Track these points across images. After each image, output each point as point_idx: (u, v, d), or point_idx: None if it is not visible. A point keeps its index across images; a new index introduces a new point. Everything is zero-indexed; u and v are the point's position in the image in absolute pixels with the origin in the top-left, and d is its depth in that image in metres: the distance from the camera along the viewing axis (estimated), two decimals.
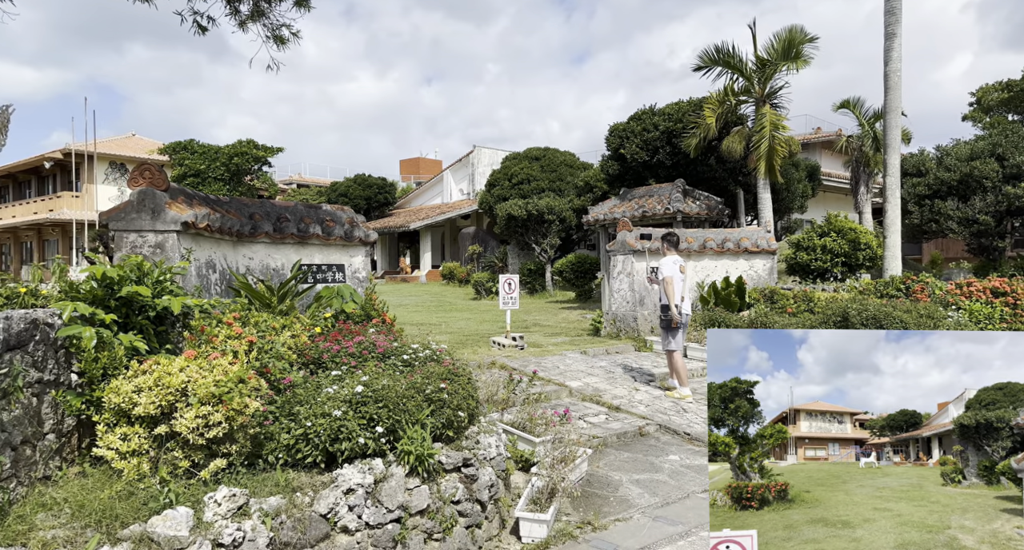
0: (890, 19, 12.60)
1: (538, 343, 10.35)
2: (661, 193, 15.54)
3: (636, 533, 4.27)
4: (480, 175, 34.87)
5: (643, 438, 6.26)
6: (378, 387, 3.70)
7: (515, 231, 22.77)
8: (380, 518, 3.38)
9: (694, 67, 15.06)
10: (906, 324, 8.44)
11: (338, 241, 6.95)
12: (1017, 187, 14.86)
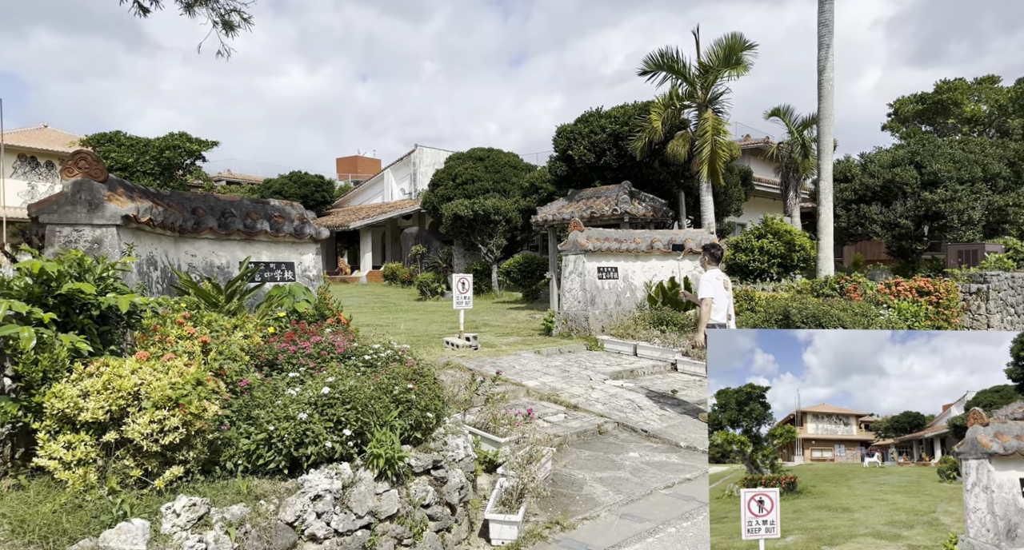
0: (823, 30, 13.24)
1: (491, 343, 10.28)
2: (608, 194, 15.78)
3: (605, 531, 4.27)
4: (422, 175, 34.47)
5: (602, 436, 6.30)
6: (345, 388, 3.54)
7: (461, 231, 22.62)
8: (349, 525, 3.22)
9: (640, 71, 15.38)
10: (843, 322, 8.87)
11: (287, 238, 6.65)
12: (933, 193, 15.95)
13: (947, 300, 9.75)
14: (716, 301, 6.58)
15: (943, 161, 16.20)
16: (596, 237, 11.31)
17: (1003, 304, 10.84)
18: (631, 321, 10.93)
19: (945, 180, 16.00)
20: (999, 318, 10.63)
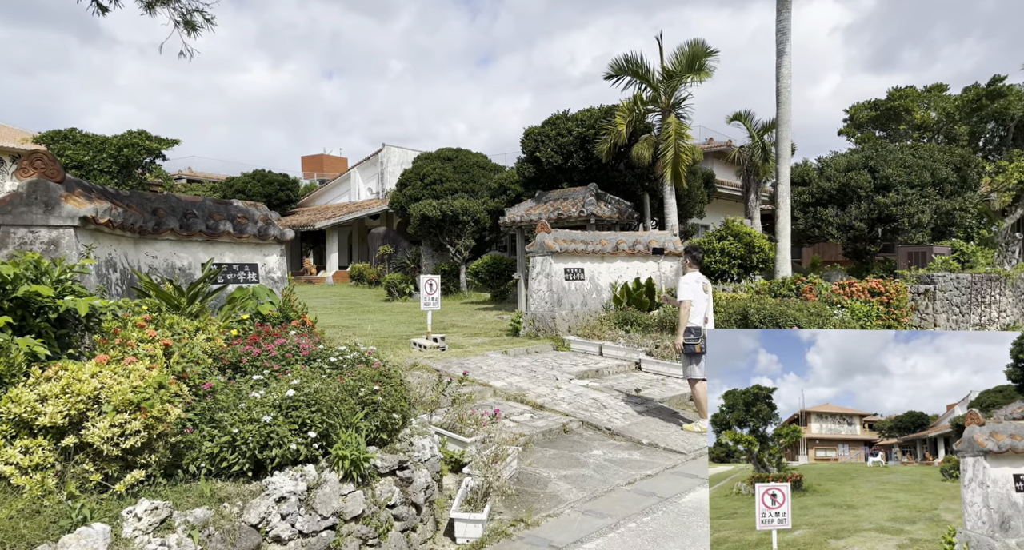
0: (781, 38, 13.64)
1: (459, 344, 10.32)
2: (575, 196, 15.96)
3: (568, 528, 4.36)
4: (390, 174, 34.24)
5: (567, 435, 6.41)
6: (310, 390, 3.56)
7: (429, 232, 22.56)
8: (314, 526, 3.24)
9: (605, 75, 15.60)
10: (799, 321, 9.18)
11: (251, 239, 6.59)
12: (886, 197, 16.56)
13: (897, 300, 10.17)
14: (694, 304, 6.58)
15: (895, 166, 16.85)
16: (563, 239, 11.45)
17: (949, 304, 11.34)
18: (597, 321, 11.10)
19: (897, 184, 16.64)
20: (945, 317, 11.13)
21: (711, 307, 6.83)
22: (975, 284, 12.34)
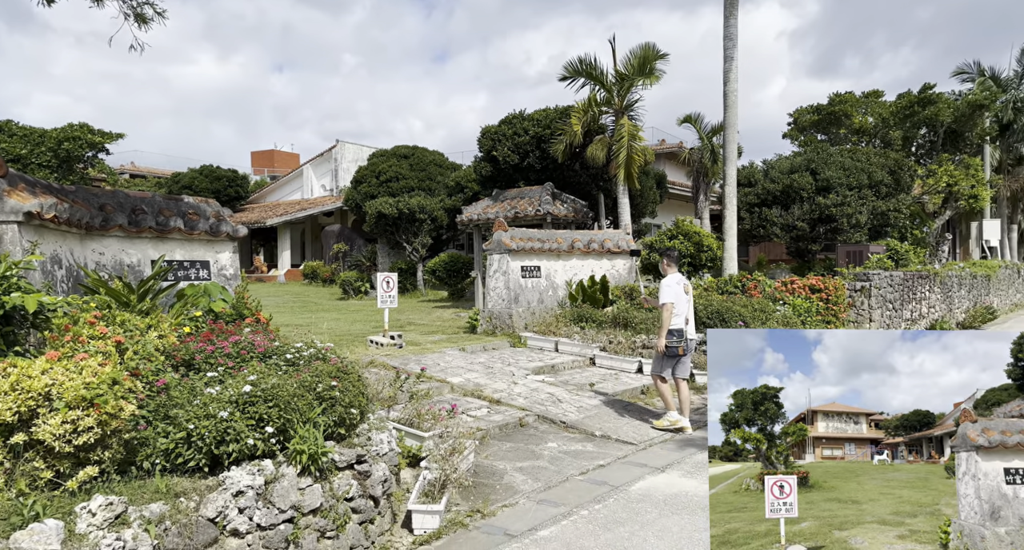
0: (728, 44, 14.09)
1: (416, 341, 10.34)
2: (532, 195, 16.15)
3: (523, 516, 4.50)
4: (344, 171, 33.77)
5: (523, 428, 6.55)
6: (267, 386, 3.58)
7: (385, 229, 22.39)
8: (272, 519, 3.28)
9: (560, 76, 15.84)
10: (744, 317, 9.57)
11: (203, 236, 6.49)
12: (826, 198, 17.35)
13: (835, 297, 10.71)
14: (676, 306, 6.44)
15: (835, 169, 17.67)
16: (520, 237, 11.60)
17: (883, 300, 12.01)
18: (553, 318, 11.29)
19: (836, 186, 17.46)
20: (879, 313, 11.78)
21: (691, 308, 6.71)
22: (907, 281, 13.09)
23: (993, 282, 18.75)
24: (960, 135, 24.76)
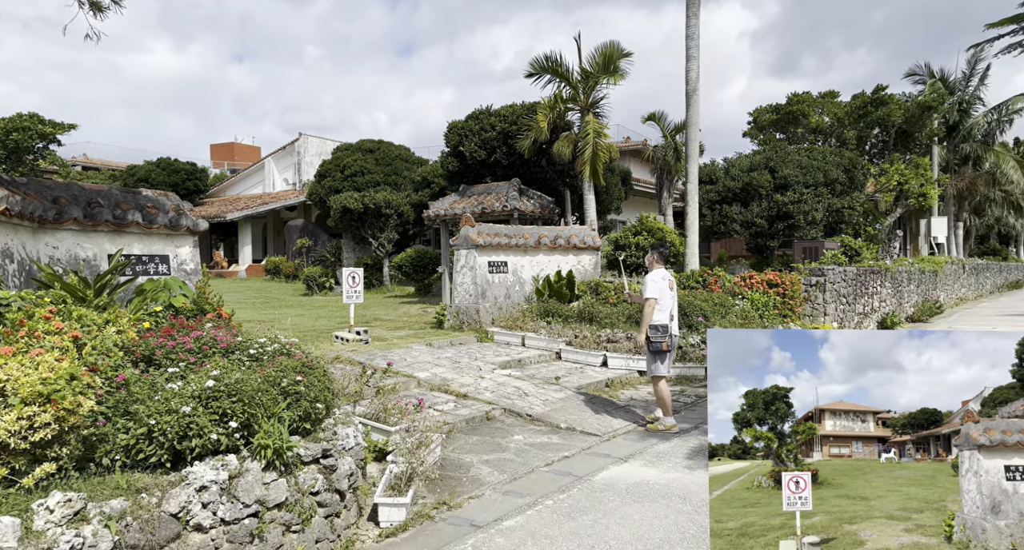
0: (690, 43, 14.32)
1: (382, 337, 10.30)
2: (499, 191, 16.19)
3: (488, 507, 4.56)
4: (308, 165, 33.24)
5: (490, 422, 6.61)
6: (231, 381, 3.55)
7: (350, 224, 22.15)
8: (236, 514, 3.26)
9: (527, 73, 15.88)
10: (704, 311, 9.81)
11: (162, 230, 6.35)
12: (784, 195, 17.84)
13: (792, 291, 11.06)
14: (661, 301, 6.43)
15: (792, 167, 18.18)
16: (487, 232, 11.64)
17: (837, 294, 12.44)
18: (520, 313, 11.37)
19: (794, 184, 17.97)
20: (834, 307, 12.20)
21: (676, 304, 6.69)
22: (860, 277, 13.58)
23: (940, 277, 19.58)
24: (911, 135, 25.72)
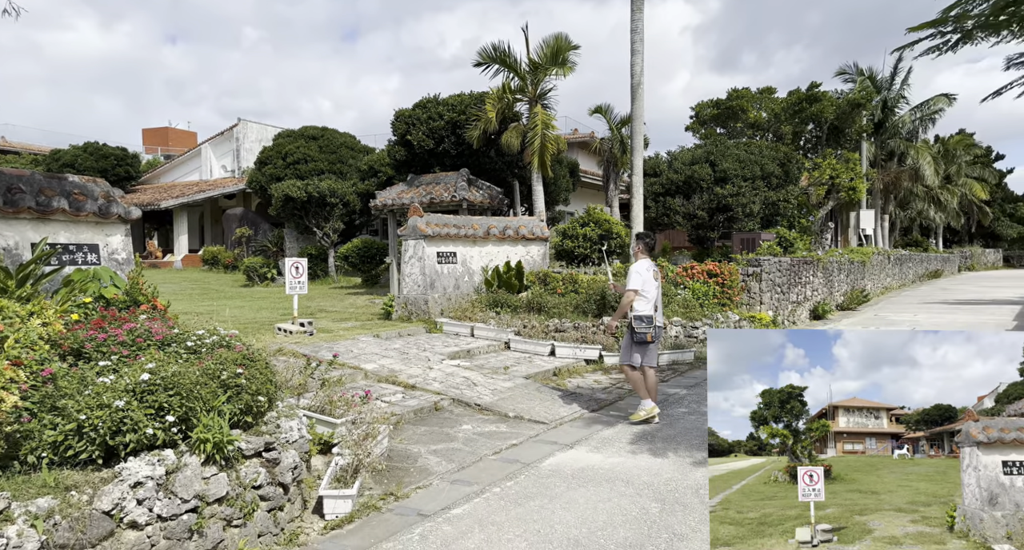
0: (635, 37, 14.53)
1: (328, 328, 10.11)
2: (447, 181, 16.09)
3: (436, 497, 4.58)
4: (247, 151, 32.14)
5: (438, 412, 6.61)
6: (167, 374, 3.43)
7: (293, 213, 21.57)
8: (174, 509, 3.17)
9: (475, 62, 15.80)
10: None
11: (90, 217, 6.03)
12: (724, 188, 18.44)
13: (730, 281, 11.48)
14: (646, 292, 6.35)
15: (731, 161, 18.81)
16: (436, 223, 11.56)
17: (773, 284, 12.98)
18: (469, 304, 11.38)
19: (733, 177, 18.59)
20: (769, 296, 12.73)
21: (660, 295, 6.60)
22: (793, 267, 14.21)
23: (867, 267, 20.69)
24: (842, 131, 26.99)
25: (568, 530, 3.99)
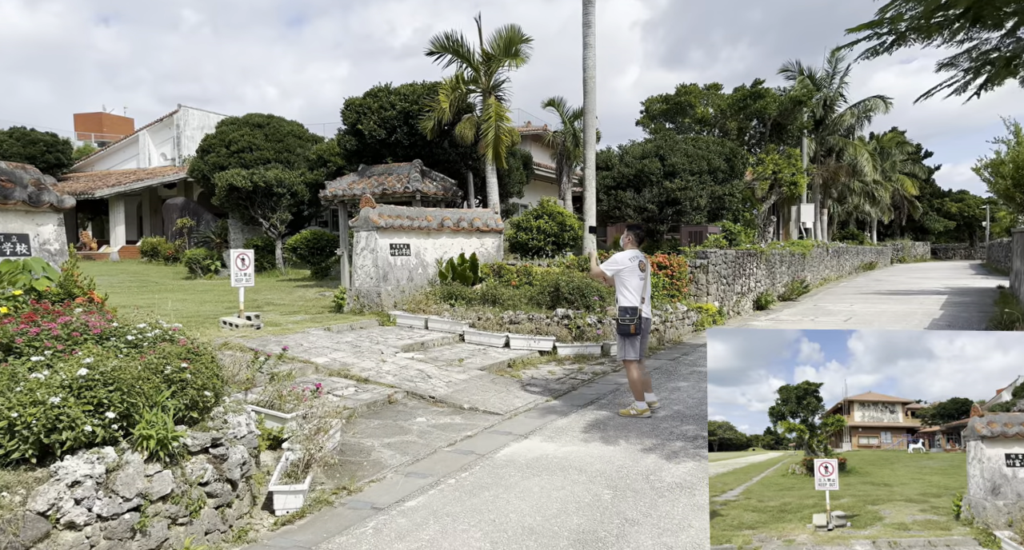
0: (587, 31, 14.60)
1: (276, 322, 9.87)
2: (400, 172, 15.88)
3: (390, 490, 4.55)
4: (188, 139, 30.93)
5: (392, 405, 6.55)
6: (106, 369, 3.29)
7: (238, 204, 20.90)
8: (115, 508, 3.05)
9: (427, 51, 15.62)
10: (601, 292, 10.22)
11: (19, 206, 5.70)
12: (673, 182, 18.86)
13: (679, 273, 11.77)
14: (628, 282, 6.34)
15: (680, 155, 19.25)
16: (388, 214, 11.40)
17: (719, 276, 13.39)
18: (423, 296, 11.29)
19: (681, 172, 19.04)
20: (715, 287, 13.13)
21: (648, 286, 6.53)
22: (739, 259, 14.68)
23: (808, 259, 21.56)
24: (784, 127, 27.97)
25: (522, 518, 4.03)
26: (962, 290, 20.29)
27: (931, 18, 4.81)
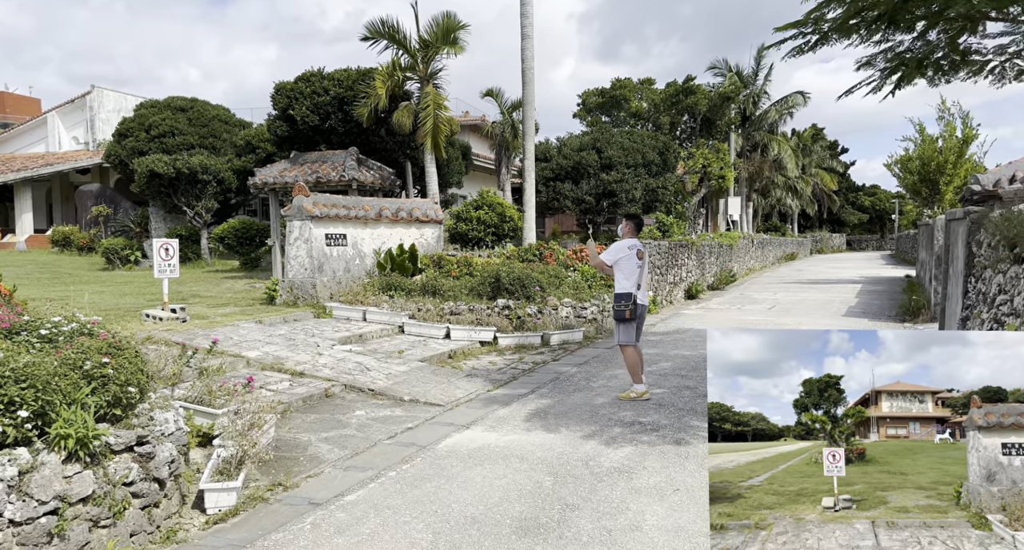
0: (525, 22, 14.61)
1: (203, 315, 9.44)
2: (335, 160, 15.45)
3: (328, 484, 4.46)
4: (103, 122, 29.02)
5: (329, 399, 6.41)
6: (18, 366, 3.06)
7: (160, 191, 19.82)
8: (30, 512, 2.86)
9: (361, 37, 15.23)
10: (541, 283, 10.33)
11: None
12: (609, 175, 19.23)
13: None
14: (625, 269, 6.45)
15: (616, 148, 19.63)
16: (323, 203, 11.09)
17: (653, 266, 13.78)
18: (361, 288, 11.07)
19: (617, 164, 19.43)
20: (650, 278, 13.52)
21: (645, 274, 6.62)
22: (671, 250, 15.15)
23: (735, 250, 22.51)
24: (713, 123, 28.99)
25: (465, 508, 4.04)
26: (875, 279, 21.71)
27: (851, 19, 5.09)
